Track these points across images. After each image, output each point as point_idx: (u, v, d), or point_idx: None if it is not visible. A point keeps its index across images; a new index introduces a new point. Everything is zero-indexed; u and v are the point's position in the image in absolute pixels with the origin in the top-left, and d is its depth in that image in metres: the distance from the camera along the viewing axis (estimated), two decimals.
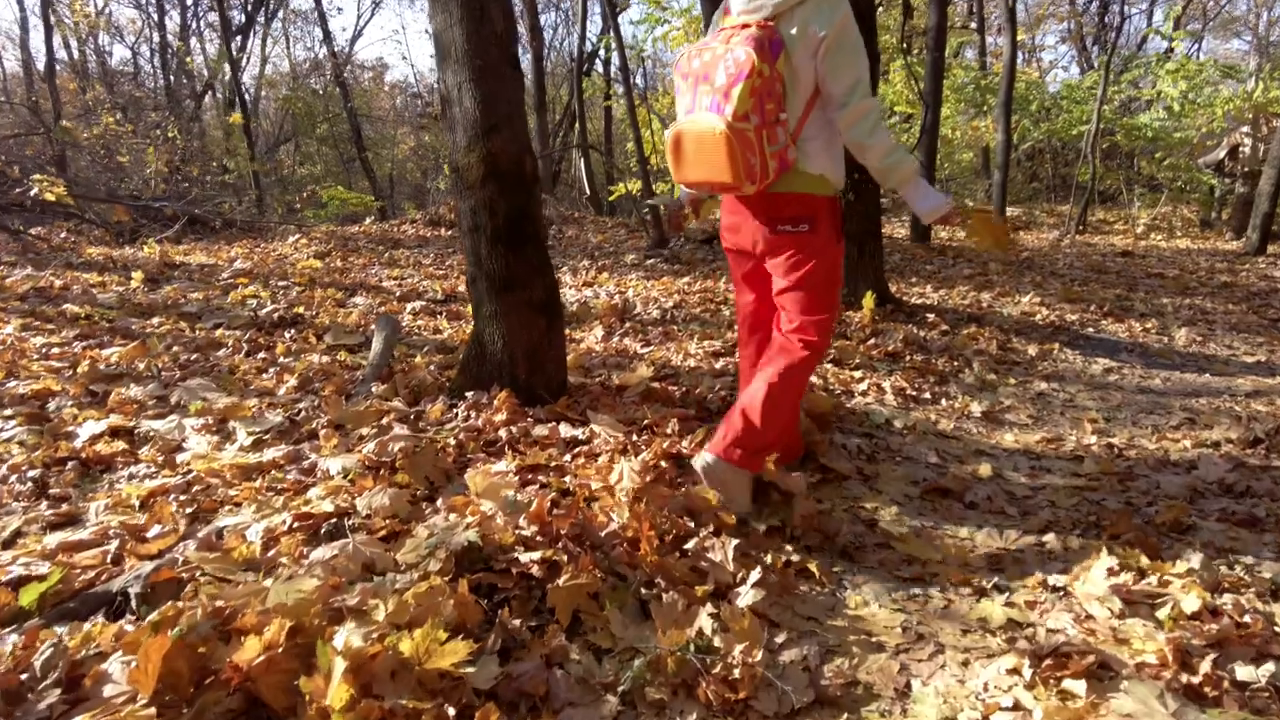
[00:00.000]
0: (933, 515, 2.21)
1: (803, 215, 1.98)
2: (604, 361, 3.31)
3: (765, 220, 2.02)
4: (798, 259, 2.01)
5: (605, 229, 8.73)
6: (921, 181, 1.98)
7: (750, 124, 1.83)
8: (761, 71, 1.81)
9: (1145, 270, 6.69)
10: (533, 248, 2.65)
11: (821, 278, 2.04)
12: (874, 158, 1.92)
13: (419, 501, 2.00)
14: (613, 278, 5.59)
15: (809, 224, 1.98)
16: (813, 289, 2.04)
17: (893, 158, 1.91)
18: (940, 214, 1.97)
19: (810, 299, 2.04)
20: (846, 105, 1.89)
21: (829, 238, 2.02)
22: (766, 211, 2.02)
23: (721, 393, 2.84)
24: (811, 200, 1.98)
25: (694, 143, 1.91)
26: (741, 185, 1.88)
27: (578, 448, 2.31)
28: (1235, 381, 3.66)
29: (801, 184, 1.97)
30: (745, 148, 1.83)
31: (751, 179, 1.86)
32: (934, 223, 2.01)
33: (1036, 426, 3.02)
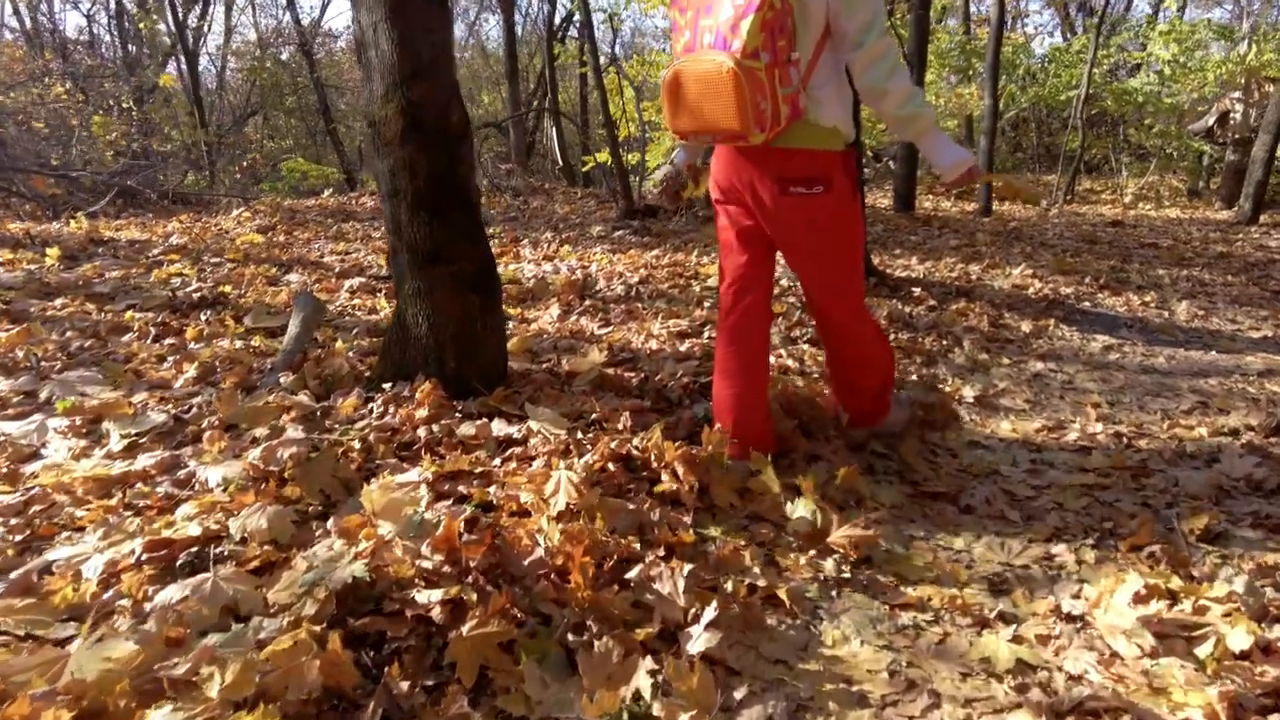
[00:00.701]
0: (924, 523, 1.92)
1: (816, 176, 1.79)
2: (555, 345, 2.98)
3: (773, 179, 1.81)
4: (814, 228, 1.85)
5: (574, 200, 8.34)
6: (942, 134, 1.82)
7: (761, 62, 1.63)
8: (773, 3, 1.61)
9: (1138, 240, 6.45)
10: (462, 213, 2.30)
11: (844, 245, 1.91)
12: (891, 104, 1.74)
13: (310, 520, 1.67)
14: (576, 251, 5.23)
15: (824, 185, 1.79)
16: (836, 262, 1.92)
17: (913, 105, 1.74)
18: (962, 169, 1.80)
19: (836, 275, 1.94)
20: (861, 45, 1.70)
21: (845, 197, 1.85)
22: (774, 169, 1.80)
23: (684, 379, 2.52)
24: (825, 157, 1.79)
25: (696, 84, 1.69)
26: (749, 134, 1.66)
27: (511, 449, 1.98)
28: (1244, 359, 3.40)
29: (813, 138, 1.77)
30: (755, 89, 1.63)
31: (761, 126, 1.66)
32: (954, 181, 1.83)
33: (1035, 412, 2.74)
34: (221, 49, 19.68)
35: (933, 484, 2.10)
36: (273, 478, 1.76)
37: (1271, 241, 6.74)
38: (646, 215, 6.46)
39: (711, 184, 2.02)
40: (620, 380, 2.51)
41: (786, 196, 1.81)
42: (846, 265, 1.97)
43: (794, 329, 3.34)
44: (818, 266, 1.95)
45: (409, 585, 1.40)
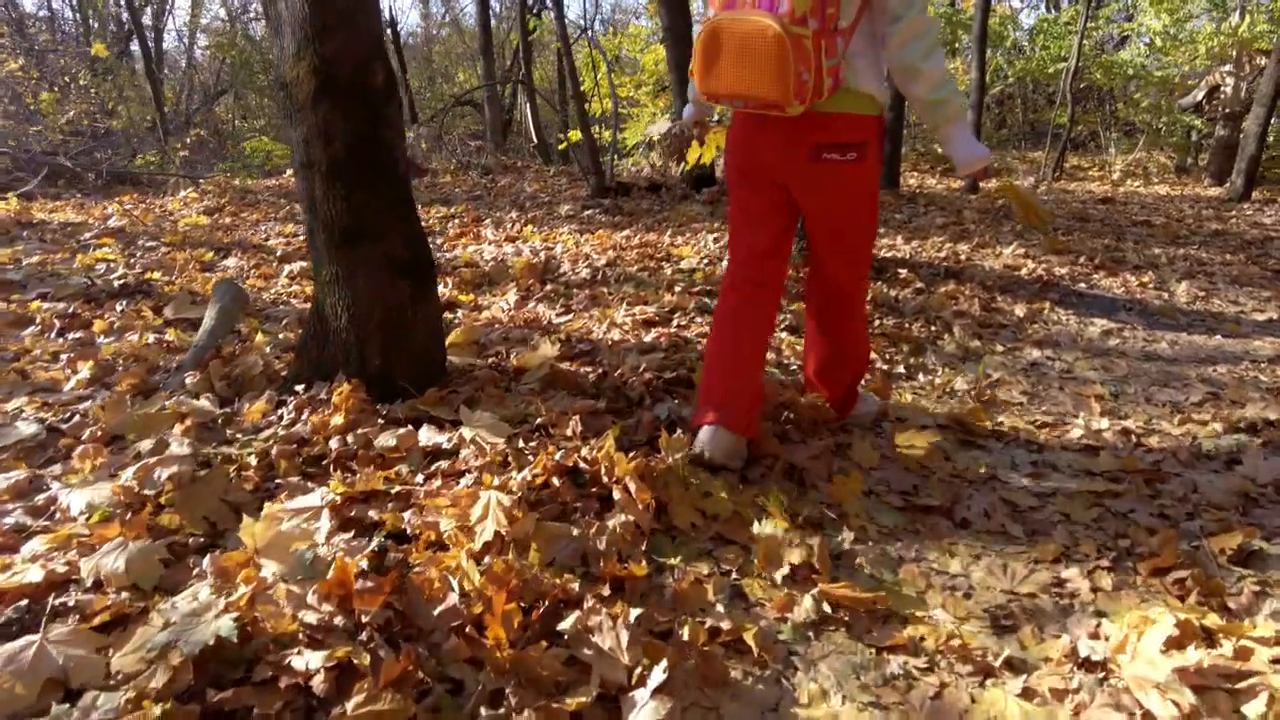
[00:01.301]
0: (914, 540, 1.69)
1: (853, 141, 1.72)
2: (506, 336, 2.71)
3: (804, 145, 1.72)
4: (846, 191, 1.79)
5: (546, 178, 8.02)
6: (966, 125, 1.75)
7: (809, 29, 1.54)
8: None
9: (1130, 218, 6.26)
10: (387, 186, 2.02)
11: (869, 215, 1.88)
12: (924, 87, 1.68)
13: (189, 556, 1.41)
14: (541, 231, 4.95)
15: (859, 151, 1.73)
16: (860, 230, 1.89)
17: (946, 90, 1.68)
18: (980, 165, 1.76)
19: (858, 242, 1.91)
20: (901, 19, 1.63)
21: (876, 166, 1.81)
22: (807, 134, 1.71)
23: (646, 375, 2.27)
24: (862, 122, 1.72)
25: (736, 44, 1.59)
26: (787, 104, 1.59)
27: (438, 462, 1.72)
28: (1252, 344, 3.21)
29: (852, 103, 1.70)
30: (800, 58, 1.54)
31: (801, 97, 1.58)
32: (968, 175, 1.80)
33: (1033, 406, 2.52)
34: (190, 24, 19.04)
35: (924, 494, 1.87)
36: (148, 503, 1.49)
37: (1266, 219, 6.58)
38: (619, 193, 6.18)
39: (730, 156, 1.90)
40: (574, 377, 2.25)
41: (819, 163, 1.73)
42: (867, 236, 1.95)
43: None
44: (841, 234, 1.90)
45: (289, 645, 1.14)
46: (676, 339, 2.68)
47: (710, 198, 6.03)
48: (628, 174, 7.81)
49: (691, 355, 2.50)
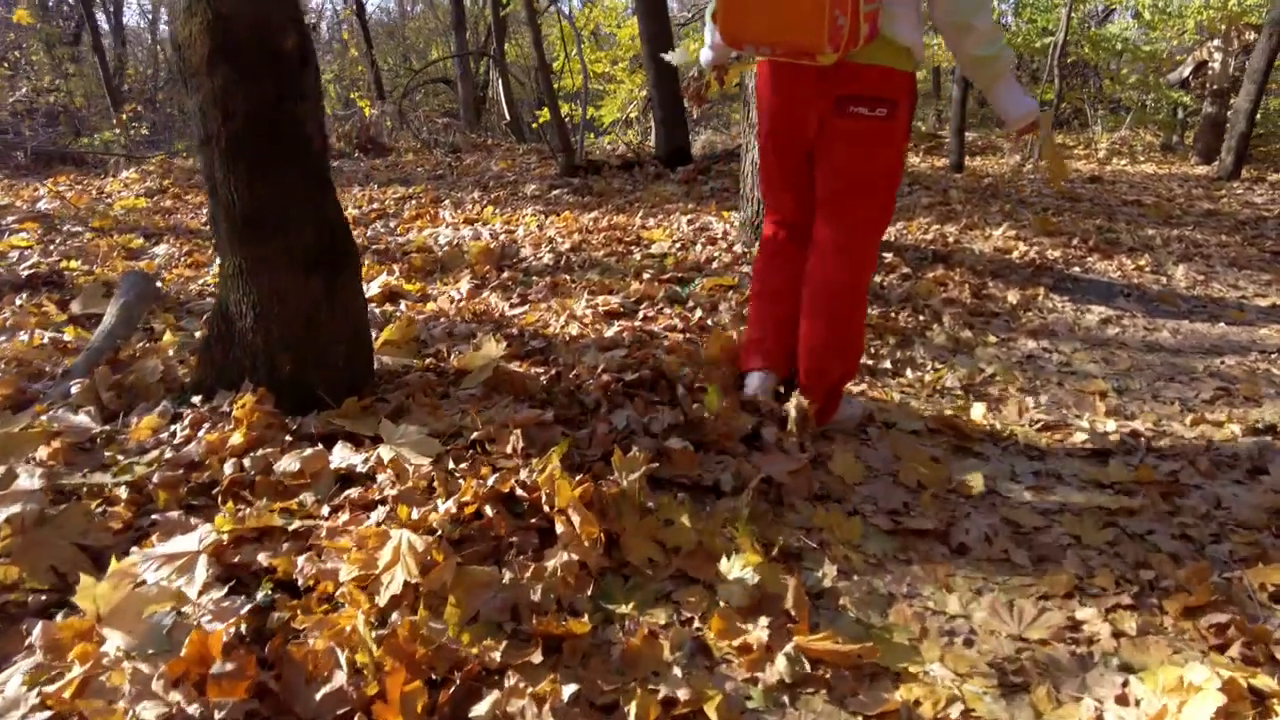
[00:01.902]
0: (905, 572, 1.48)
1: (884, 96, 1.65)
2: (452, 331, 2.46)
3: (833, 97, 1.66)
4: (868, 150, 1.71)
5: (515, 156, 7.71)
6: (1015, 80, 1.72)
7: None
8: None
9: (1120, 197, 6.09)
10: (299, 166, 1.76)
11: (890, 175, 1.78)
12: (974, 44, 1.63)
13: (25, 620, 1.16)
14: (503, 212, 4.67)
15: (889, 107, 1.66)
16: (877, 190, 1.77)
17: (996, 46, 1.63)
18: (1029, 120, 1.73)
19: (873, 203, 1.79)
20: None
21: (905, 127, 1.74)
22: (837, 86, 1.65)
23: (605, 377, 2.03)
24: (896, 77, 1.66)
25: None
26: (820, 51, 1.52)
27: (350, 489, 1.48)
28: (1258, 333, 3.03)
29: (887, 55, 1.63)
30: (837, 1, 1.47)
31: (835, 44, 1.50)
32: (1019, 131, 1.75)
33: (1032, 404, 2.32)
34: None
35: (916, 513, 1.66)
36: None
37: (1257, 197, 6.45)
38: (589, 172, 5.90)
39: (761, 112, 1.84)
40: (522, 379, 2.01)
41: (844, 118, 1.67)
42: (880, 211, 1.84)
43: (746, 304, 2.86)
44: (852, 203, 1.79)
45: None
46: (641, 334, 2.44)
47: (685, 176, 5.77)
48: (601, 152, 7.52)
49: (658, 352, 2.27)
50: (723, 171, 5.88)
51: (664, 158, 6.09)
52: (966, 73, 1.75)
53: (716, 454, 1.77)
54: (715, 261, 3.47)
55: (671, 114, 6.06)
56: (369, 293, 2.89)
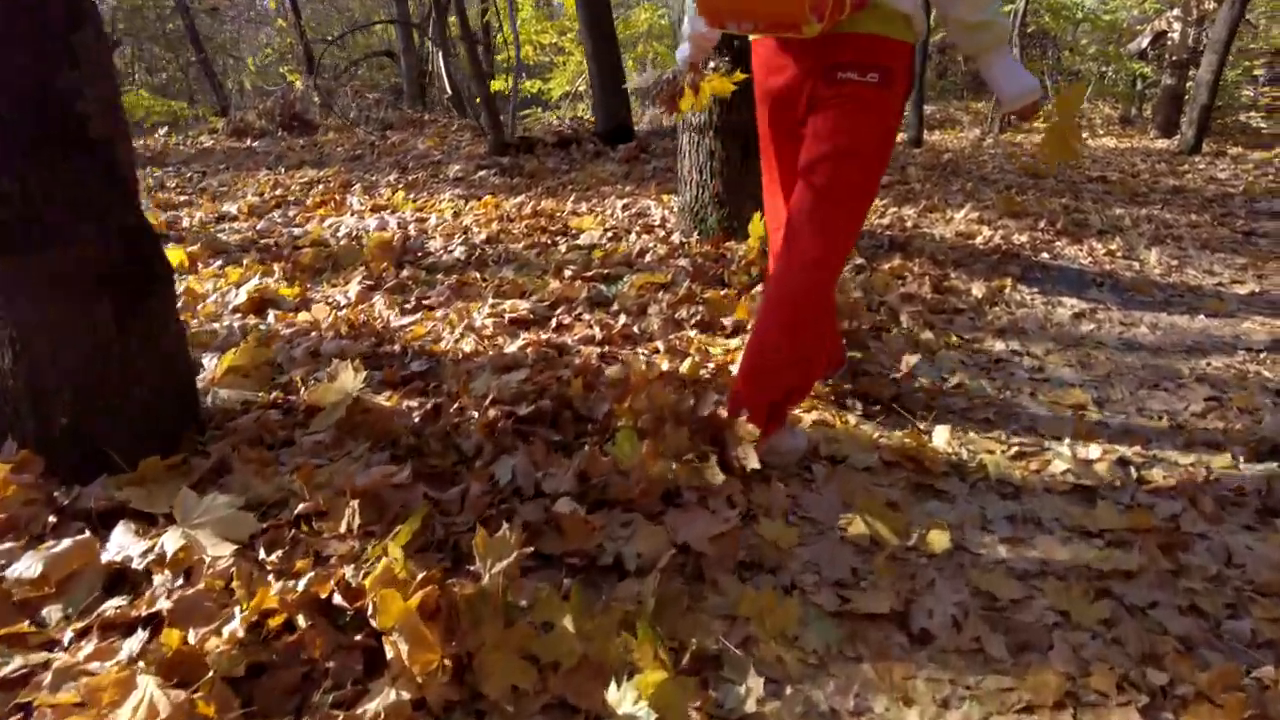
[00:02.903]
0: (852, 674, 1.16)
1: (875, 62, 1.52)
2: (319, 350, 2.07)
3: (822, 65, 1.54)
4: (854, 116, 1.54)
5: (448, 133, 7.24)
6: (1011, 54, 1.59)
7: None
8: None
9: (1084, 174, 5.90)
10: (73, 160, 1.36)
11: (877, 145, 1.59)
12: (967, 7, 1.51)
13: None
14: (419, 197, 4.25)
15: (880, 75, 1.52)
16: (862, 163, 1.57)
17: (989, 10, 1.52)
18: (1028, 100, 1.57)
19: (852, 174, 1.57)
20: None
21: (897, 100, 1.59)
22: (826, 53, 1.53)
23: (493, 411, 1.67)
24: (889, 45, 1.52)
25: None
26: (804, 24, 1.41)
27: (111, 600, 1.11)
28: (1241, 326, 2.80)
29: (880, 23, 1.50)
30: None
31: (818, 13, 1.40)
32: (1015, 113, 1.60)
33: (1002, 421, 2.03)
34: None
35: (867, 585, 1.35)
36: None
37: (1220, 173, 6.32)
38: (521, 151, 5.48)
39: (759, 88, 1.70)
40: (388, 418, 1.64)
41: (833, 84, 1.53)
42: (860, 192, 1.61)
43: (680, 305, 2.52)
44: (831, 174, 1.56)
45: None
46: (549, 350, 2.09)
47: (626, 155, 5.40)
48: (543, 127, 7.09)
49: (566, 372, 1.92)
50: (668, 149, 5.52)
51: (604, 134, 5.70)
52: (956, 41, 1.59)
53: (624, 513, 1.43)
54: (649, 254, 3.12)
55: (611, 87, 5.67)
56: (235, 300, 2.48)
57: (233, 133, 8.58)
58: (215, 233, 3.52)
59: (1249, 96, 10.75)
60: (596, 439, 1.63)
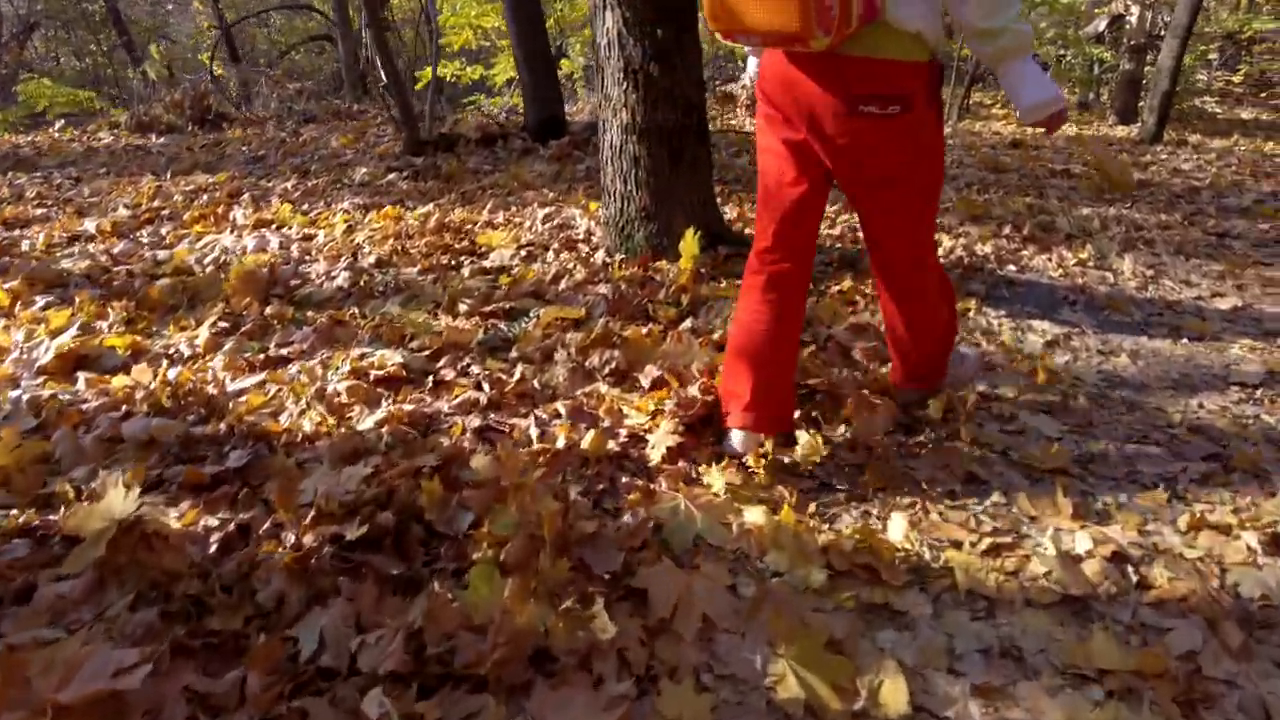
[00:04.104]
0: None
1: (893, 93, 1.49)
2: (119, 435, 1.65)
3: (838, 94, 1.51)
4: (887, 158, 1.56)
5: (370, 127, 6.74)
6: (1033, 62, 1.50)
7: None
8: None
9: (1047, 166, 5.66)
10: None
11: (920, 178, 1.63)
12: (978, 11, 1.44)
13: None
14: (313, 208, 3.80)
15: (901, 104, 1.50)
16: (911, 199, 1.64)
17: (1003, 16, 1.44)
18: (1049, 112, 1.52)
19: (915, 215, 1.67)
20: None
21: (927, 120, 1.57)
22: (840, 82, 1.50)
23: (309, 536, 1.28)
24: (903, 70, 1.49)
25: None
26: (811, 37, 1.39)
27: None
28: (1229, 353, 2.53)
29: (891, 45, 1.47)
30: None
31: (826, 28, 1.37)
32: (1038, 124, 1.54)
33: (970, 496, 1.71)
34: None
35: None
36: None
37: (1184, 163, 6.15)
38: (440, 149, 5.04)
39: (762, 94, 1.69)
40: (170, 551, 1.24)
41: (855, 118, 1.52)
42: (923, 203, 1.71)
43: (593, 349, 2.15)
44: (888, 204, 1.67)
45: None
46: (409, 430, 1.69)
47: (558, 152, 4.99)
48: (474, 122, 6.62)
49: (429, 462, 1.53)
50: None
51: (534, 129, 5.28)
52: (974, 47, 1.53)
53: (471, 694, 1.06)
54: (567, 278, 2.74)
55: (540, 77, 5.24)
56: (42, 358, 2.04)
57: (136, 128, 7.95)
58: (59, 258, 3.05)
59: (1203, 81, 10.74)
60: (449, 571, 1.25)
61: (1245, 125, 8.47)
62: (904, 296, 1.85)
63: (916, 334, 1.90)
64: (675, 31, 2.65)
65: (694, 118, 2.82)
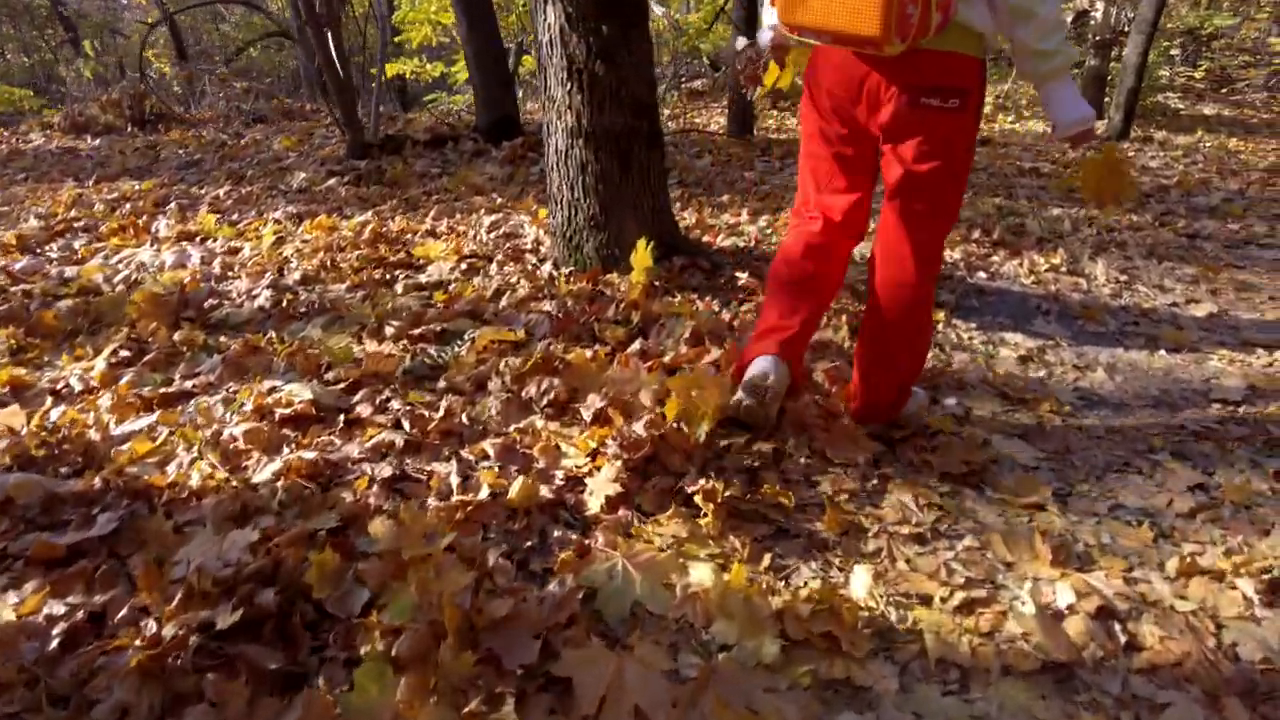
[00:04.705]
0: None
1: (957, 86, 1.54)
2: None
3: (902, 87, 1.55)
4: (941, 144, 1.59)
5: (318, 128, 6.48)
6: (1072, 82, 1.59)
7: None
8: None
9: (1015, 165, 5.58)
10: None
11: (961, 166, 1.66)
12: (1035, 33, 1.49)
13: None
14: (244, 217, 3.57)
15: (961, 98, 1.55)
16: (949, 184, 1.66)
17: (1055, 39, 1.50)
18: (1084, 128, 1.60)
19: (945, 198, 1.68)
20: None
21: (976, 118, 1.64)
22: (906, 75, 1.54)
23: (171, 626, 1.10)
24: (968, 65, 1.55)
25: None
26: (887, 43, 1.43)
27: None
28: (1208, 365, 2.43)
29: (958, 40, 1.51)
30: None
31: (903, 35, 1.42)
32: (1070, 140, 1.63)
33: (940, 541, 1.57)
34: None
35: None
36: None
37: (1152, 160, 6.13)
38: (388, 151, 4.82)
39: (813, 95, 1.73)
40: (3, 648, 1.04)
41: (916, 109, 1.55)
42: (947, 208, 1.70)
43: (531, 378, 1.97)
44: (922, 200, 1.66)
45: None
46: (312, 478, 1.51)
47: (510, 154, 4.79)
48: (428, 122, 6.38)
49: (330, 522, 1.35)
50: None
51: (486, 130, 5.08)
52: (1019, 65, 1.59)
53: None
54: (508, 294, 2.56)
55: (491, 76, 5.04)
56: None
57: (70, 129, 7.60)
58: None
59: (1166, 77, 10.81)
60: (341, 660, 1.07)
61: (1209, 121, 8.51)
62: (899, 317, 1.75)
63: (897, 360, 1.82)
64: (621, 27, 2.48)
65: (645, 120, 2.65)
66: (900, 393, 1.88)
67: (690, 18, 11.07)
